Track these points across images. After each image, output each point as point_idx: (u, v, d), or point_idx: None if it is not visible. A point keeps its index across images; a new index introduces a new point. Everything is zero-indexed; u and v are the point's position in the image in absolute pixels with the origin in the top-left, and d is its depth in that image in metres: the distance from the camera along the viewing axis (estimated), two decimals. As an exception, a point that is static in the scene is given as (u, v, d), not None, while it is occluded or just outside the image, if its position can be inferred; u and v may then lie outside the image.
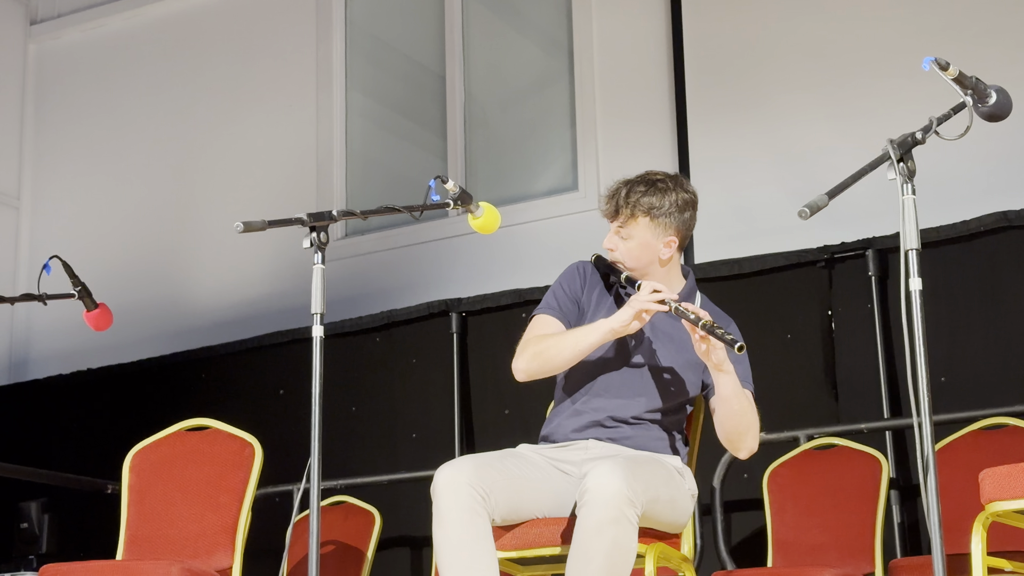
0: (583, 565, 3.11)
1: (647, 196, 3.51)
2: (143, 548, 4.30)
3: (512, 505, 3.32)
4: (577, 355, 3.45)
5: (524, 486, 3.36)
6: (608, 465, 3.16)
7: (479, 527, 3.22)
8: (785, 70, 5.81)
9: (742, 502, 5.19)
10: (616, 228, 3.54)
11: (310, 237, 3.25)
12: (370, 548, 5.29)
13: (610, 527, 3.09)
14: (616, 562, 3.10)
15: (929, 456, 2.72)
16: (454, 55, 6.71)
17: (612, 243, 3.57)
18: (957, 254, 5.13)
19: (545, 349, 3.47)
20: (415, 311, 6.14)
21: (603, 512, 3.09)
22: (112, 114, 7.44)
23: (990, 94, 2.92)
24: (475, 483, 3.22)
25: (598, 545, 3.09)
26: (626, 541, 3.12)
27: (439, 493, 3.23)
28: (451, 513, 3.20)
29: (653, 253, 3.54)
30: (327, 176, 6.78)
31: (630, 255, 3.54)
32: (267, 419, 5.90)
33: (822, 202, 2.81)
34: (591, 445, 3.47)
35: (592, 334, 3.42)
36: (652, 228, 3.51)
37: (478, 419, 5.90)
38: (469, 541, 3.19)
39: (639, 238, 3.52)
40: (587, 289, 3.63)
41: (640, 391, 3.49)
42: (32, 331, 7.31)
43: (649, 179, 3.56)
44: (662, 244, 3.54)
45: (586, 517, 3.12)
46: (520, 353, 3.51)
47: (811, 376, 5.31)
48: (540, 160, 6.43)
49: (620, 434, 3.46)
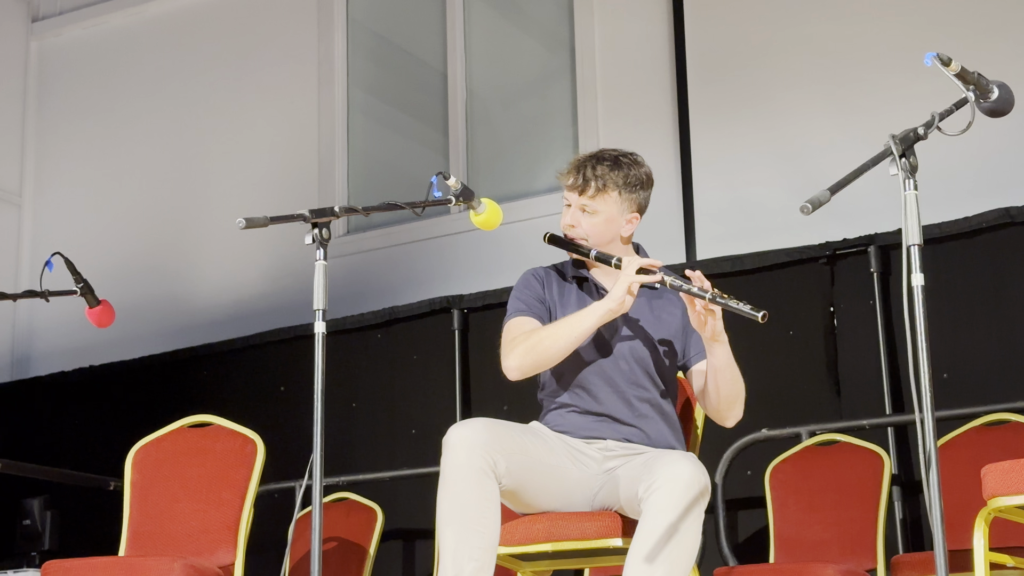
0: (671, 543, 3.08)
1: (615, 170, 3.48)
2: (145, 545, 4.30)
3: (518, 482, 3.28)
4: (574, 342, 3.38)
5: (535, 467, 3.31)
6: (678, 455, 3.21)
7: (487, 489, 3.17)
8: (787, 66, 5.81)
9: (744, 498, 5.19)
10: (581, 205, 3.49)
11: (312, 233, 3.24)
12: (372, 544, 5.30)
13: (696, 505, 3.11)
14: (694, 542, 3.13)
15: (931, 452, 2.71)
16: (456, 52, 6.71)
17: (574, 219, 3.51)
18: (959, 250, 5.13)
19: (538, 342, 3.39)
20: (417, 308, 6.14)
21: (688, 492, 3.09)
22: (114, 111, 7.44)
23: (992, 90, 2.91)
24: (489, 448, 3.18)
25: (688, 523, 3.09)
26: (698, 526, 3.15)
27: (451, 448, 3.18)
28: (460, 471, 3.16)
29: (616, 229, 3.52)
30: (329, 172, 6.78)
31: (595, 230, 3.49)
32: (269, 416, 5.90)
33: (824, 198, 2.81)
34: (610, 445, 3.44)
35: (589, 317, 3.37)
36: (619, 203, 3.49)
37: (479, 415, 5.88)
38: (475, 502, 3.15)
39: (606, 213, 3.48)
40: (547, 289, 3.58)
41: (635, 379, 3.46)
42: (34, 328, 7.31)
43: (612, 155, 3.53)
44: (625, 220, 3.52)
45: (668, 495, 3.09)
46: (509, 352, 3.44)
47: (813, 372, 5.31)
48: (542, 157, 6.43)
49: (631, 433, 3.44)
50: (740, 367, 3.46)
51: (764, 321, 3.16)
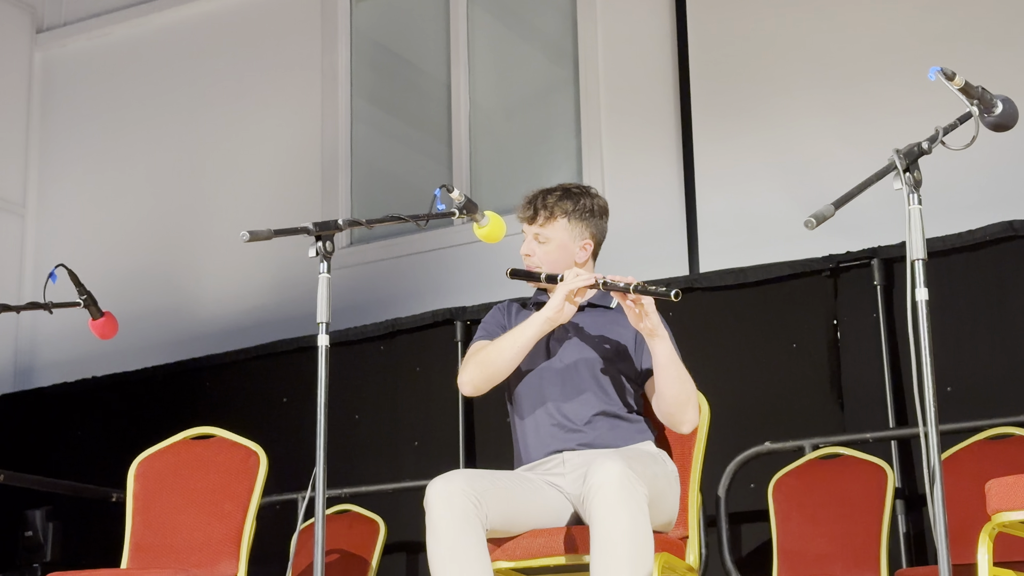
0: (609, 552, 3.11)
1: (563, 200, 3.69)
2: (148, 557, 4.30)
3: (505, 514, 3.35)
4: (518, 352, 3.53)
5: (517, 496, 3.40)
6: (604, 456, 3.25)
7: (472, 536, 3.24)
8: (791, 80, 5.81)
9: (747, 512, 5.18)
10: (534, 233, 3.69)
11: (316, 246, 3.26)
12: (375, 557, 5.29)
13: (625, 507, 3.13)
14: (640, 541, 3.13)
15: (935, 466, 2.71)
16: (459, 63, 6.72)
17: (529, 248, 3.72)
18: (963, 264, 5.12)
19: (486, 355, 3.57)
20: (420, 319, 6.14)
21: (615, 494, 3.13)
22: (118, 123, 7.44)
23: (996, 104, 2.92)
24: (467, 491, 3.26)
25: (619, 528, 3.12)
26: (643, 519, 3.15)
27: (432, 504, 3.28)
28: (443, 522, 3.24)
29: (570, 256, 3.67)
30: (332, 184, 6.79)
31: (548, 258, 3.68)
32: (272, 427, 5.89)
33: (828, 212, 2.81)
34: (567, 457, 3.51)
35: (529, 328, 3.53)
36: (569, 230, 3.68)
37: (481, 428, 5.89)
38: (462, 550, 3.22)
39: (557, 240, 3.67)
40: (507, 317, 3.76)
41: (583, 387, 3.55)
42: (37, 339, 7.31)
43: (563, 187, 3.75)
44: (578, 247, 3.68)
45: (599, 506, 3.14)
46: (463, 370, 3.61)
47: (816, 385, 5.30)
48: (545, 169, 6.43)
49: (585, 438, 3.50)
50: (744, 380, 3.48)
51: (677, 299, 3.29)
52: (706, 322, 5.45)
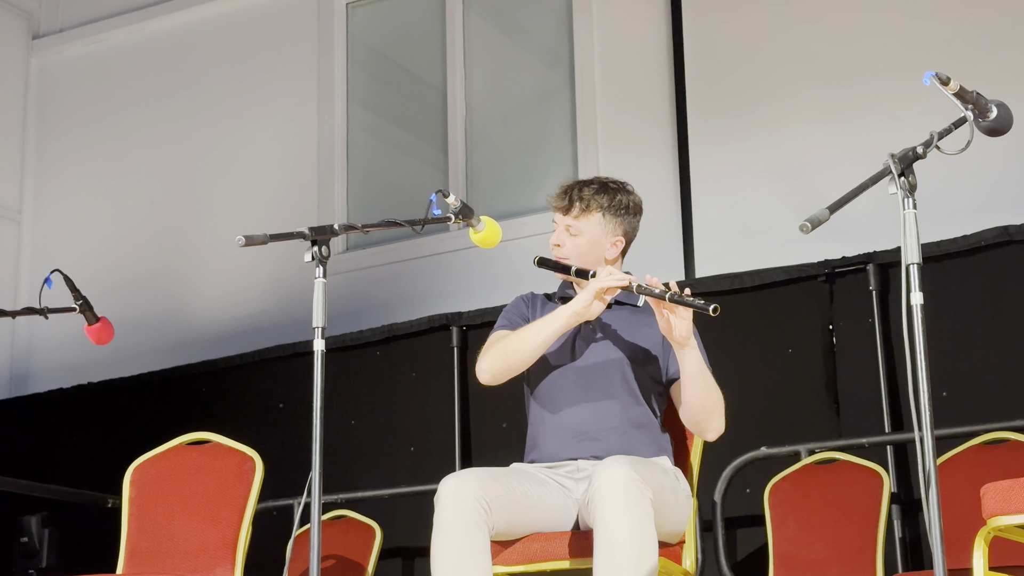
0: (613, 555, 3.08)
1: (600, 194, 3.59)
2: (143, 562, 4.29)
3: (510, 521, 3.33)
4: (541, 344, 3.47)
5: (524, 503, 3.36)
6: (611, 460, 3.20)
7: (479, 541, 3.22)
8: (786, 85, 5.82)
9: (743, 517, 5.18)
10: (566, 225, 3.60)
11: (311, 251, 3.25)
12: (371, 562, 5.28)
13: (631, 509, 3.09)
14: (644, 544, 3.09)
15: (931, 471, 2.71)
16: (455, 69, 6.72)
17: (560, 239, 3.62)
18: (958, 268, 5.13)
19: (507, 344, 3.50)
20: (416, 325, 6.14)
21: (620, 497, 3.09)
22: (114, 128, 7.44)
23: (991, 109, 2.92)
24: (480, 496, 3.23)
25: (624, 531, 3.08)
26: (648, 522, 3.11)
27: (443, 503, 3.24)
28: (453, 524, 3.21)
29: (600, 251, 3.60)
30: (328, 190, 6.79)
31: (578, 251, 3.59)
32: (268, 433, 5.89)
33: (823, 217, 2.81)
34: (582, 465, 3.48)
35: (555, 320, 3.46)
36: (603, 225, 3.59)
37: (477, 433, 5.89)
38: (468, 554, 3.20)
39: (589, 234, 3.58)
40: (531, 309, 3.69)
41: (606, 390, 3.51)
42: (33, 345, 7.31)
43: (600, 180, 3.66)
44: (610, 243, 3.61)
45: (604, 509, 3.11)
46: (482, 357, 3.55)
47: (812, 390, 5.31)
48: (541, 174, 6.43)
49: (605, 448, 3.45)
50: (740, 385, 3.48)
51: (715, 314, 3.22)
52: (701, 327, 5.44)
